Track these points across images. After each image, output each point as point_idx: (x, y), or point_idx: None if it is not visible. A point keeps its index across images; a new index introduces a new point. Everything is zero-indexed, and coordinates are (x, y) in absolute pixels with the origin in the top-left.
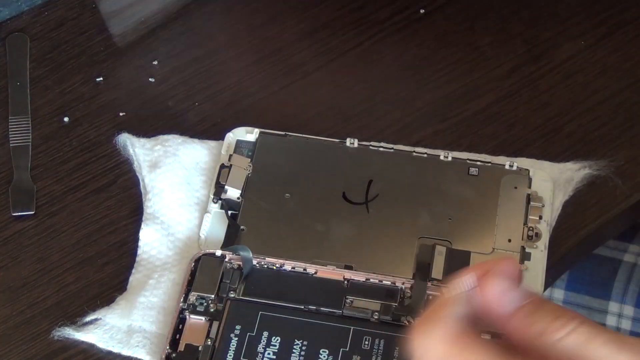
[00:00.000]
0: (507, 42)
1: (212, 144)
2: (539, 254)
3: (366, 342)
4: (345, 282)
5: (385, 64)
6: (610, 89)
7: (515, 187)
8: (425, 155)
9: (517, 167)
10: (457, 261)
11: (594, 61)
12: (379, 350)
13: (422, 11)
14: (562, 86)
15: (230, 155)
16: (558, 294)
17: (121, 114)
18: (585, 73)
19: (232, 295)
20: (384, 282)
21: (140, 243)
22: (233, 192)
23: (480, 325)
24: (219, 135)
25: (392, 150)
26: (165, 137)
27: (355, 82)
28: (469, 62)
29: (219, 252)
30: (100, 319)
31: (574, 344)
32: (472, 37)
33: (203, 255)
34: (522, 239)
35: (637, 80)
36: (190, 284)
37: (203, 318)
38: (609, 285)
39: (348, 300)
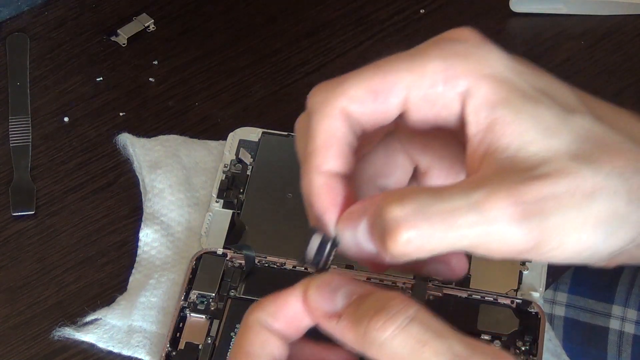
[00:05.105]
0: (506, 42)
1: (212, 144)
2: None
3: None
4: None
5: None
6: (610, 89)
7: None
8: None
9: None
10: None
11: (594, 61)
12: None
13: (422, 11)
14: None
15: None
16: (561, 297)
17: (121, 114)
18: (585, 73)
19: (232, 294)
20: (384, 282)
21: (140, 243)
22: None
23: None
24: (219, 135)
25: None
26: (165, 137)
27: None
28: None
29: (220, 251)
30: (100, 319)
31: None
32: None
33: (204, 253)
34: None
35: (637, 80)
36: (191, 282)
37: (203, 316)
38: (612, 288)
39: None
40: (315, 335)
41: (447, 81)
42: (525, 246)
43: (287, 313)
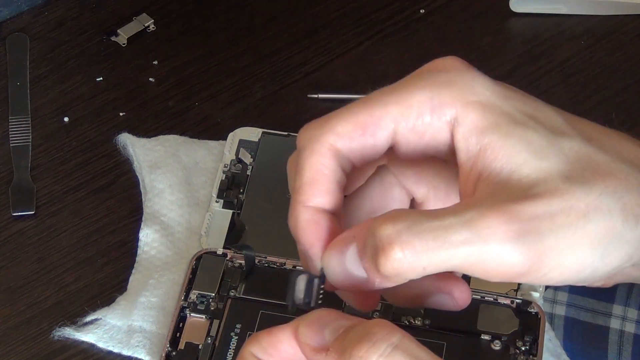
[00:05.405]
0: (507, 42)
1: (212, 144)
2: None
3: None
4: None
5: (385, 64)
6: (610, 89)
7: None
8: None
9: None
10: None
11: (594, 61)
12: None
13: (422, 11)
14: (562, 86)
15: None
16: (562, 296)
17: (121, 114)
18: (585, 73)
19: (232, 294)
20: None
21: (140, 243)
22: None
23: None
24: (219, 135)
25: None
26: (165, 137)
27: (355, 82)
28: (469, 62)
29: (220, 251)
30: (100, 319)
31: None
32: (471, 37)
33: (204, 253)
34: None
35: (637, 80)
36: (191, 282)
37: (203, 316)
38: (613, 287)
39: None
40: None
41: (433, 111)
42: (522, 268)
43: (280, 349)
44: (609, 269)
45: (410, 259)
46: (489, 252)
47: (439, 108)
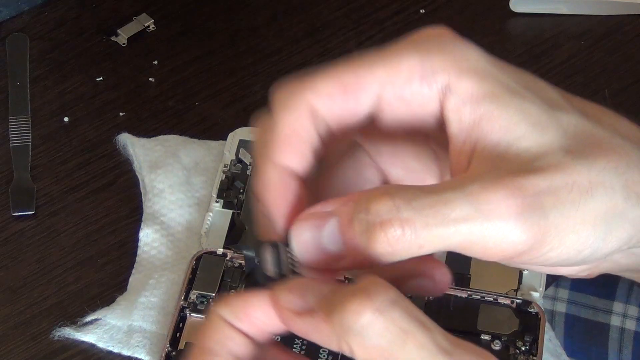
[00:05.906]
0: (507, 42)
1: (212, 144)
2: None
3: None
4: (346, 281)
5: None
6: (610, 89)
7: None
8: None
9: None
10: (458, 259)
11: (594, 61)
12: None
13: (422, 11)
14: (562, 86)
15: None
16: (563, 293)
17: (121, 114)
18: (585, 73)
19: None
20: None
21: (140, 243)
22: None
23: None
24: (219, 135)
25: None
26: (165, 137)
27: None
28: None
29: (220, 251)
30: (100, 319)
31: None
32: (471, 37)
33: (204, 253)
34: None
35: (637, 80)
36: (191, 282)
37: (203, 316)
38: (614, 285)
39: None
40: None
41: (424, 77)
42: (524, 246)
43: (252, 314)
44: (609, 250)
45: (409, 236)
46: (491, 229)
47: (430, 75)
